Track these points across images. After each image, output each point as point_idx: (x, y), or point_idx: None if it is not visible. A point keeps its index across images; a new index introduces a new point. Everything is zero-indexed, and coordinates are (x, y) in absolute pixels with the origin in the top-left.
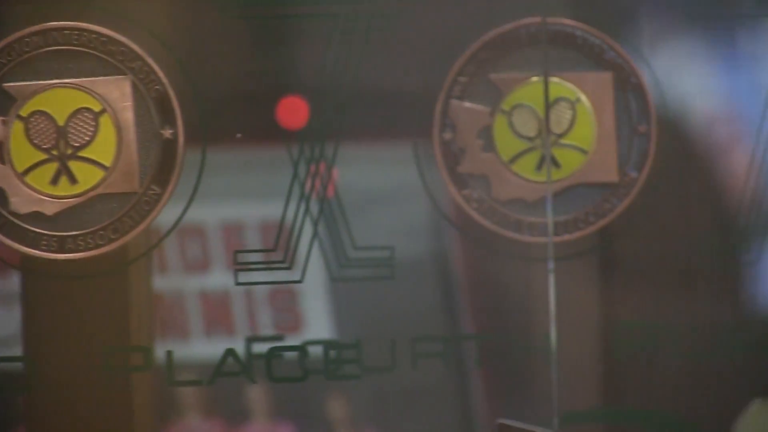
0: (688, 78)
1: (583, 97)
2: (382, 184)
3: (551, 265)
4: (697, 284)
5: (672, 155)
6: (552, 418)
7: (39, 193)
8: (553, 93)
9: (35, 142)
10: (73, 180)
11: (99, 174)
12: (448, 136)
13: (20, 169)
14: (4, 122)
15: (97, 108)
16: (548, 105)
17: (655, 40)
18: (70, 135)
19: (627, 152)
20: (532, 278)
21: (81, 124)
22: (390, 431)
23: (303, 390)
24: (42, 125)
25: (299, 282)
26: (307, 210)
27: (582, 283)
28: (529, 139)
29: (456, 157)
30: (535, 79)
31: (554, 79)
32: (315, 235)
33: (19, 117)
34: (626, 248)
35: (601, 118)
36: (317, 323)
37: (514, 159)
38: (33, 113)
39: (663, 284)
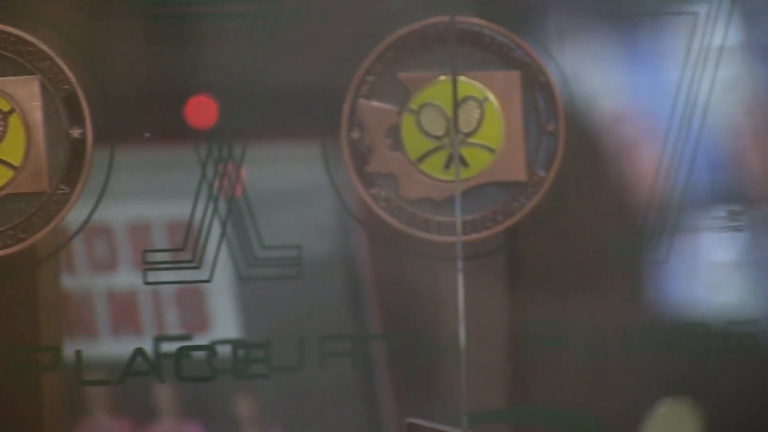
0: (595, 76)
1: (491, 96)
2: (290, 183)
3: (460, 264)
4: (604, 284)
5: (580, 154)
6: (461, 417)
7: None
8: (461, 92)
9: None
10: None
11: (8, 174)
12: (356, 135)
13: None
14: None
15: (5, 108)
16: (456, 104)
17: (562, 39)
18: None
19: (535, 151)
20: (441, 277)
21: None
22: (298, 431)
23: (211, 389)
24: None
25: (207, 281)
26: (215, 209)
27: (490, 282)
28: (437, 138)
29: (364, 157)
30: (443, 78)
31: (462, 78)
32: (223, 234)
33: None
34: (534, 247)
35: (509, 116)
36: (225, 323)
37: (422, 158)
38: None
39: (570, 283)
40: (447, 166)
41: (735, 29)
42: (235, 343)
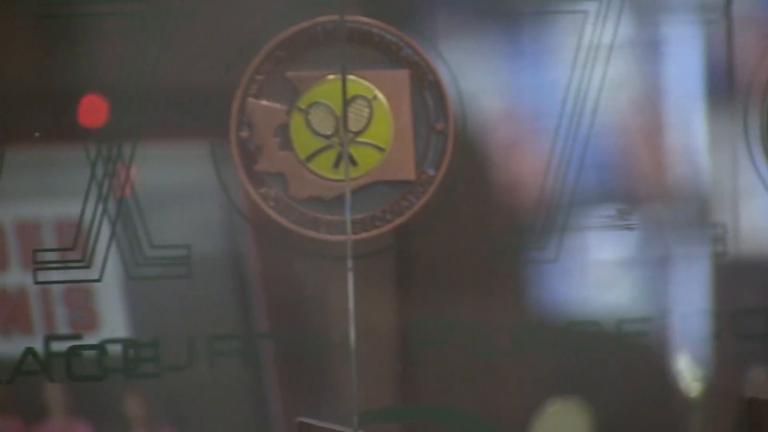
0: (485, 75)
1: (380, 95)
2: (180, 182)
3: (350, 263)
4: (493, 283)
5: (469, 153)
6: (351, 416)
7: None
8: (351, 91)
9: None
10: None
11: None
12: (244, 134)
13: None
14: None
15: None
16: (345, 103)
17: (451, 37)
18: None
19: (424, 150)
20: (331, 276)
21: None
22: (187, 430)
23: (102, 388)
24: None
25: (98, 281)
26: (105, 209)
27: (379, 281)
28: (326, 137)
29: (253, 156)
30: (332, 77)
31: (351, 77)
32: (113, 234)
33: None
34: (424, 246)
35: (398, 115)
36: (115, 322)
37: (311, 157)
38: None
39: (460, 282)
40: (336, 165)
41: (624, 27)
42: (126, 342)
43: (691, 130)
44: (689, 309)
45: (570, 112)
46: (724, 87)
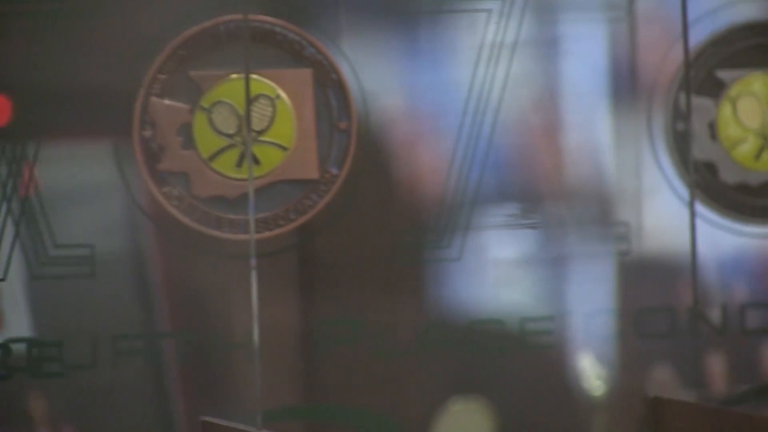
0: (388, 74)
1: (283, 94)
2: (83, 182)
3: (253, 262)
4: (397, 282)
5: (372, 152)
6: (255, 415)
7: None
8: (254, 90)
9: None
10: None
11: None
12: (147, 133)
13: None
14: None
15: None
16: (249, 102)
17: (355, 37)
18: None
19: (327, 149)
20: (234, 275)
21: None
22: (91, 429)
23: (6, 388)
24: None
25: (2, 280)
26: (8, 208)
27: (283, 280)
28: (229, 136)
29: (156, 155)
30: (235, 76)
31: (254, 76)
32: (17, 233)
33: None
34: (327, 245)
35: (301, 114)
36: (19, 321)
37: (214, 156)
38: None
39: (363, 281)
40: (239, 164)
41: (528, 25)
42: (30, 342)
43: (594, 128)
44: (592, 308)
45: (473, 111)
46: (628, 85)
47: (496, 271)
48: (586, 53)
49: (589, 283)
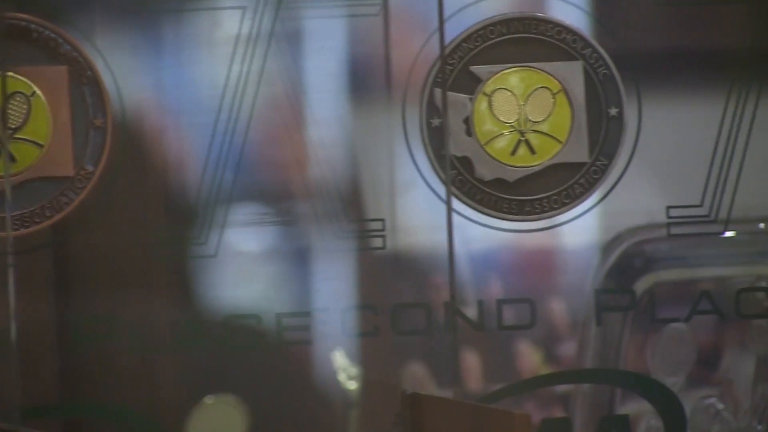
0: (145, 71)
1: (39, 91)
2: None
3: (11, 259)
4: (154, 278)
5: (129, 149)
6: (13, 412)
7: None
8: (9, 87)
9: None
10: None
11: None
12: None
13: None
14: None
15: None
16: (5, 99)
17: (111, 34)
18: None
19: (83, 146)
20: None
21: None
22: None
23: None
24: None
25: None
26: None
27: (40, 277)
28: None
29: None
30: None
31: (10, 74)
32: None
33: None
34: (83, 242)
35: (56, 112)
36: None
37: None
38: None
39: (120, 278)
40: None
41: (283, 21)
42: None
43: (349, 124)
44: (349, 304)
45: (228, 108)
46: (383, 81)
47: (252, 268)
48: (340, 49)
49: (344, 280)
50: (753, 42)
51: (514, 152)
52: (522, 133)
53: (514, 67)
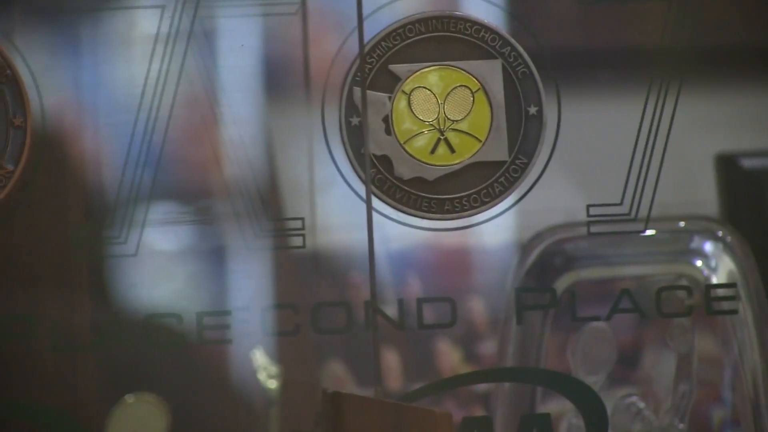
0: (65, 70)
1: None
2: None
3: None
4: (74, 277)
5: (49, 148)
6: None
7: None
8: None
9: None
10: None
11: None
12: None
13: None
14: None
15: None
16: None
17: (30, 33)
18: None
19: (3, 145)
20: None
21: None
22: None
23: None
24: None
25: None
26: None
27: None
28: None
29: None
30: None
31: None
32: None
33: None
34: (3, 241)
35: None
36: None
37: None
38: None
39: (40, 277)
40: None
41: (202, 20)
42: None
43: (268, 123)
44: (269, 302)
45: (147, 106)
46: (302, 80)
47: (172, 267)
48: (259, 47)
49: (264, 278)
50: (672, 40)
51: (433, 151)
52: (441, 132)
53: (433, 65)
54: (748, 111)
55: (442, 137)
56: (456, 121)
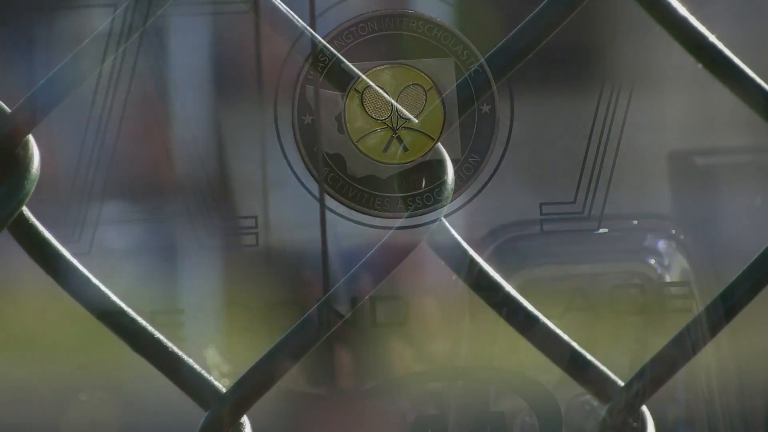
0: (15, 68)
1: None
2: None
3: None
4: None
5: None
6: None
7: None
8: None
9: None
10: None
11: None
12: None
13: None
14: None
15: None
16: None
17: None
18: None
19: None
20: None
21: None
22: None
23: None
24: None
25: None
26: None
27: None
28: None
29: None
30: None
31: None
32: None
33: None
34: None
35: None
36: None
37: None
38: None
39: None
40: None
41: (156, 19)
42: None
43: (220, 121)
44: (222, 301)
45: (99, 105)
46: (254, 78)
47: (124, 265)
48: (210, 45)
49: (218, 277)
50: (625, 37)
51: (386, 149)
52: (394, 130)
53: (386, 64)
54: (700, 109)
55: (394, 135)
56: (409, 119)
